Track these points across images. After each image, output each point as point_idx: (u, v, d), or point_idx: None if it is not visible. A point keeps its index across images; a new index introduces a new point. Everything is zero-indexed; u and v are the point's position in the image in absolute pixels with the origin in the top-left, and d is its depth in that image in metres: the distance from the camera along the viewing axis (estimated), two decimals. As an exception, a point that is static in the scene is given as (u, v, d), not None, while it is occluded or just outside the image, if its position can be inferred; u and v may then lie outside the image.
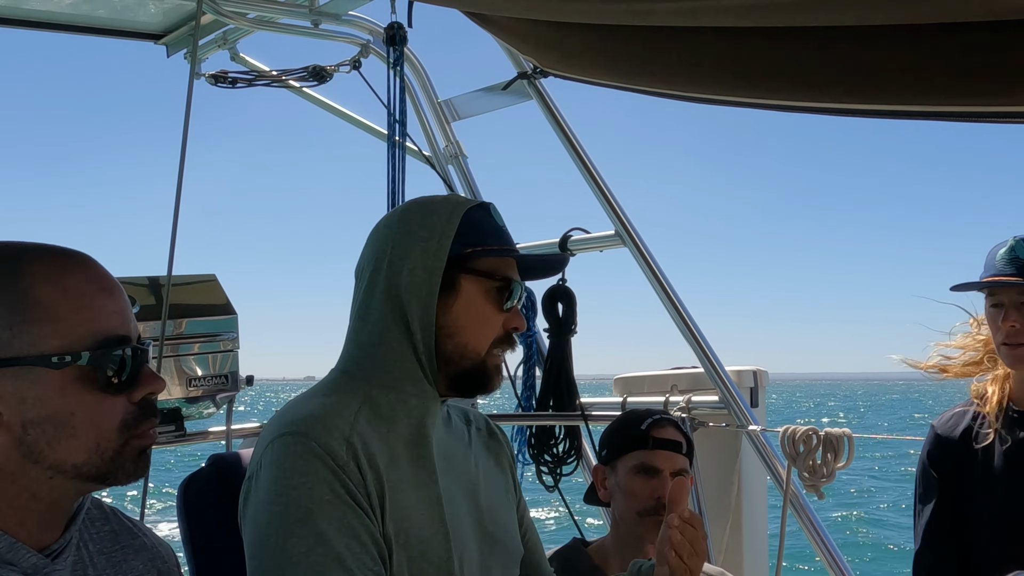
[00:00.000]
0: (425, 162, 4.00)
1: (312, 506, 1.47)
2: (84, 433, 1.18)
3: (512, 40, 2.85)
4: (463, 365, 1.64)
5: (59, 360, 1.15)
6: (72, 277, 1.20)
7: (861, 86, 1.91)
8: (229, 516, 2.22)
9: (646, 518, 2.31)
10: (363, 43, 3.74)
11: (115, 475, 1.21)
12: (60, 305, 1.17)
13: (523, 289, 1.69)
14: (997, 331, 2.29)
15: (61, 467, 1.18)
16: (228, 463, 2.35)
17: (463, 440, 1.76)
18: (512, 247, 1.69)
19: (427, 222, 1.64)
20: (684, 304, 3.47)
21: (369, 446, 1.54)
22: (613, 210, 3.52)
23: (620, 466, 2.40)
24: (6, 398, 1.15)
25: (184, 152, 2.85)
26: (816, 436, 3.08)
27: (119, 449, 1.21)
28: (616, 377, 3.97)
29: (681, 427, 2.45)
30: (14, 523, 1.19)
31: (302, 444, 1.51)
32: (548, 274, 1.93)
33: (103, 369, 1.18)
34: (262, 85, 3.82)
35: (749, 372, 3.64)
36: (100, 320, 1.19)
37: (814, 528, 3.19)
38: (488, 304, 1.64)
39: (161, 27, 3.75)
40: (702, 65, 2.13)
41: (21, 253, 1.20)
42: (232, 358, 3.28)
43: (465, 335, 1.63)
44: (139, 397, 1.22)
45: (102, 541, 1.34)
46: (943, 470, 2.42)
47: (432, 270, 1.61)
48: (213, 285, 3.31)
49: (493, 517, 1.72)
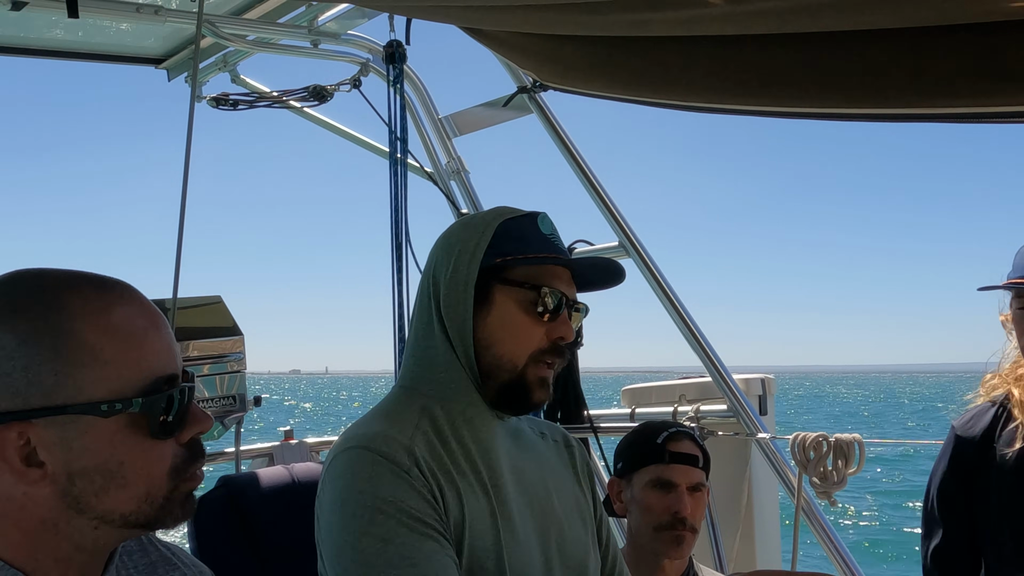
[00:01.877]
0: (427, 178, 4.01)
1: (380, 504, 1.46)
2: (134, 482, 1.10)
3: (511, 55, 2.85)
4: (502, 378, 1.60)
5: (109, 408, 1.07)
6: (117, 313, 1.10)
7: (860, 91, 1.91)
8: (241, 537, 2.23)
9: (662, 533, 2.28)
10: (363, 62, 3.75)
11: (163, 520, 1.14)
12: (107, 347, 1.08)
13: (566, 297, 1.62)
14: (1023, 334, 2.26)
15: (108, 517, 1.11)
16: (238, 484, 2.36)
17: (535, 455, 1.73)
18: (554, 254, 1.63)
19: (463, 235, 1.63)
20: (690, 314, 3.47)
21: (430, 456, 1.54)
22: (616, 221, 3.53)
23: (636, 480, 2.36)
24: (51, 448, 1.06)
25: (187, 175, 2.86)
26: (826, 442, 3.07)
27: (168, 495, 1.13)
28: (624, 388, 3.96)
29: (698, 440, 2.41)
30: (56, 575, 1.12)
31: (365, 454, 1.51)
32: (608, 284, 1.77)
33: (155, 414, 1.10)
34: (263, 106, 3.83)
35: (757, 380, 3.63)
36: (149, 360, 1.11)
37: (827, 535, 3.17)
38: (523, 314, 1.60)
39: (161, 51, 3.77)
40: (700, 74, 2.13)
41: (60, 286, 1.10)
42: (240, 379, 3.29)
43: (501, 347, 1.60)
44: (188, 438, 1.14)
45: (140, 575, 1.28)
46: (960, 473, 2.38)
47: (467, 282, 1.59)
48: (219, 307, 3.32)
49: (563, 532, 1.68)
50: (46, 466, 1.07)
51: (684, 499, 2.28)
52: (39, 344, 1.06)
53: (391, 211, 3.57)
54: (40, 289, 1.10)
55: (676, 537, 2.27)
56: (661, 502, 2.30)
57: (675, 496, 2.29)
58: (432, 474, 1.52)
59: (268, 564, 2.23)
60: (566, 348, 1.64)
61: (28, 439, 1.06)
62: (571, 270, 1.65)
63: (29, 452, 1.06)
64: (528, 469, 1.68)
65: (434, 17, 2.59)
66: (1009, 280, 2.26)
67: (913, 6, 1.61)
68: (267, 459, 3.64)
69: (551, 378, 1.64)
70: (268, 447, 3.69)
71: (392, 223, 3.55)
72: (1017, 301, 2.25)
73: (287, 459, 3.48)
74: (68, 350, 1.06)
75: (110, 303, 1.11)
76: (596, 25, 2.10)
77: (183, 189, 2.88)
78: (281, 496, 2.32)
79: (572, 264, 1.65)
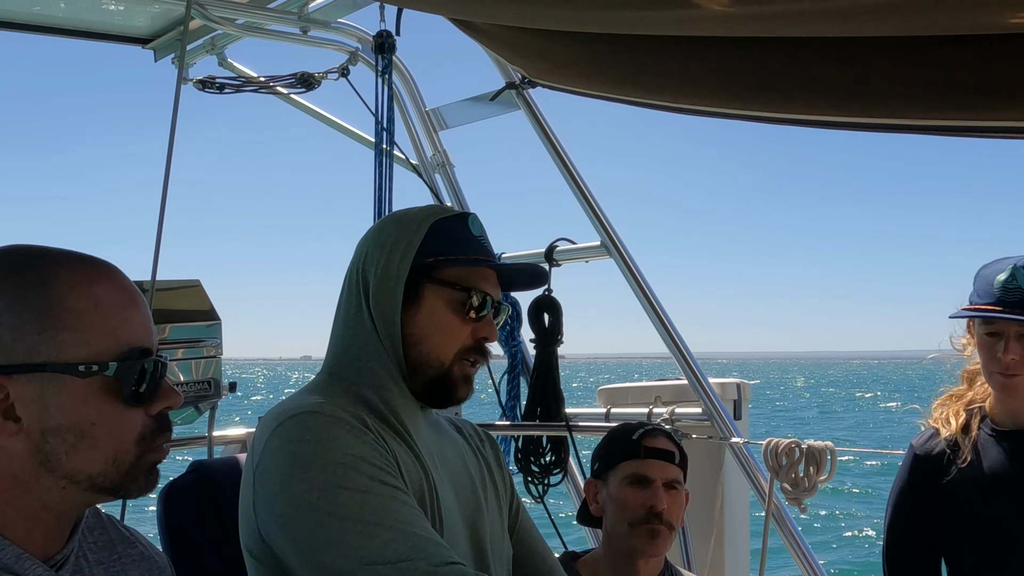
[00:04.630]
0: (412, 170, 3.99)
1: (349, 459, 1.48)
2: (103, 444, 1.16)
3: (500, 49, 2.85)
4: (428, 374, 1.65)
5: (86, 369, 1.14)
6: (101, 286, 1.19)
7: (849, 100, 1.92)
8: (212, 522, 2.21)
9: (637, 528, 2.28)
10: (351, 51, 3.73)
11: (127, 488, 1.20)
12: (89, 314, 1.16)
13: (491, 299, 1.68)
14: (992, 360, 2.25)
15: (76, 477, 1.17)
16: (211, 470, 2.34)
17: (454, 445, 1.78)
18: (483, 257, 1.68)
19: (395, 232, 1.68)
20: (668, 315, 3.47)
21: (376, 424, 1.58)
22: (599, 220, 3.53)
23: (612, 478, 2.36)
24: (28, 404, 1.13)
25: (170, 157, 2.84)
26: (799, 449, 3.08)
27: (134, 462, 1.19)
28: (600, 388, 3.97)
29: (674, 438, 2.42)
30: (22, 533, 1.17)
31: (318, 417, 1.52)
32: (530, 286, 1.90)
33: (127, 381, 1.17)
34: (250, 91, 3.81)
35: (732, 384, 3.65)
36: (127, 331, 1.18)
37: (796, 542, 3.18)
38: (451, 313, 1.65)
39: (149, 31, 3.74)
40: (690, 77, 2.13)
41: (50, 258, 1.19)
42: (215, 364, 3.27)
43: (428, 344, 1.65)
44: (157, 410, 1.21)
45: (100, 551, 1.32)
46: (921, 490, 2.42)
47: (397, 279, 1.64)
48: (197, 291, 3.30)
49: (482, 519, 1.72)
50: (22, 421, 1.13)
51: (660, 494, 2.28)
52: (27, 306, 1.14)
53: (375, 201, 3.56)
54: (31, 259, 1.18)
55: (651, 531, 2.27)
56: (636, 497, 2.30)
57: (651, 491, 2.29)
58: (381, 436, 1.56)
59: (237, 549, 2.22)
60: (487, 348, 1.70)
61: (8, 393, 1.13)
62: (497, 272, 1.71)
63: (7, 407, 1.13)
64: (448, 454, 1.74)
65: (425, 7, 2.58)
66: (974, 306, 2.28)
67: (903, 18, 1.62)
68: (240, 446, 3.63)
69: (474, 375, 1.71)
70: (242, 434, 3.68)
71: (376, 214, 3.54)
72: (985, 327, 2.27)
73: (260, 446, 3.47)
74: (53, 314, 1.14)
75: (95, 276, 1.19)
76: (586, 22, 2.10)
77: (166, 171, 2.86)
78: (253, 482, 2.31)
79: (499, 267, 1.72)
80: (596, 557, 2.40)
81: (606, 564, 2.36)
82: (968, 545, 2.32)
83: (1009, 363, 2.22)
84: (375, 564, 1.42)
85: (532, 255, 3.71)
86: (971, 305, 2.30)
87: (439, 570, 1.42)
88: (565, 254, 3.65)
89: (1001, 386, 2.28)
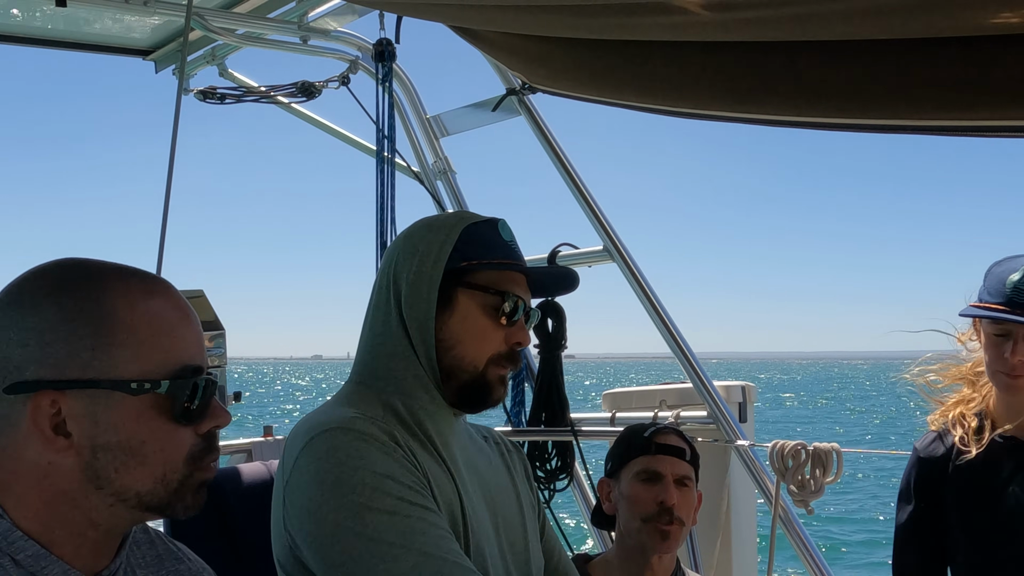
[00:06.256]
0: (414, 178, 4.00)
1: (378, 480, 1.47)
2: (152, 462, 1.16)
3: (500, 56, 2.85)
4: (462, 378, 1.64)
5: (138, 386, 1.13)
6: (155, 302, 1.18)
7: (846, 102, 1.92)
8: (217, 532, 2.22)
9: (649, 524, 2.29)
10: (352, 59, 3.74)
11: (174, 507, 1.19)
12: (143, 330, 1.15)
13: (525, 303, 1.68)
14: (998, 359, 2.23)
15: (124, 495, 1.16)
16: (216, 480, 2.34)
17: (484, 454, 1.78)
18: (514, 261, 1.68)
19: (428, 237, 1.67)
20: (672, 319, 3.47)
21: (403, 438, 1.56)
22: (601, 225, 3.53)
23: (624, 475, 2.38)
24: (79, 420, 1.12)
25: (172, 166, 2.85)
26: (805, 451, 3.08)
27: (183, 481, 1.19)
28: (605, 392, 3.96)
29: (685, 437, 2.43)
30: (70, 549, 1.16)
31: (348, 434, 1.51)
32: (563, 290, 1.88)
33: (179, 399, 1.16)
34: (250, 101, 3.82)
35: (737, 387, 3.64)
36: (179, 349, 1.18)
37: (803, 544, 3.18)
38: (485, 318, 1.64)
39: (149, 43, 3.75)
40: (689, 80, 2.13)
41: (105, 273, 1.18)
42: (220, 374, 3.27)
43: (462, 348, 1.64)
44: (206, 429, 1.20)
45: (148, 567, 1.31)
46: (926, 494, 2.41)
47: (430, 284, 1.63)
48: (201, 301, 3.30)
49: (514, 529, 1.72)
50: (73, 437, 1.13)
51: (671, 489, 2.30)
52: (81, 321, 1.13)
53: (377, 209, 3.57)
54: (87, 272, 1.18)
55: (663, 530, 2.28)
56: (648, 493, 2.31)
57: (661, 487, 2.31)
58: (411, 452, 1.55)
59: (244, 560, 2.22)
60: (519, 353, 1.70)
61: (59, 409, 1.12)
62: (528, 277, 1.71)
63: (59, 422, 1.12)
64: (480, 465, 1.73)
65: (424, 15, 2.59)
66: (984, 304, 2.27)
67: (900, 19, 1.62)
68: (246, 455, 3.62)
69: (507, 377, 1.71)
70: (247, 443, 3.68)
71: (378, 221, 3.55)
72: (993, 327, 2.26)
73: (266, 455, 3.47)
74: (106, 330, 1.14)
75: (149, 292, 1.19)
76: (585, 28, 2.10)
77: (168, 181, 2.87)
78: (259, 493, 2.30)
79: (530, 272, 1.71)
80: (608, 558, 2.41)
81: (619, 564, 2.36)
82: (973, 547, 2.31)
83: (1016, 364, 2.21)
84: None
85: (535, 260, 3.71)
86: (981, 303, 2.28)
87: None
88: (568, 259, 3.65)
89: (1005, 386, 2.27)
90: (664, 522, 2.28)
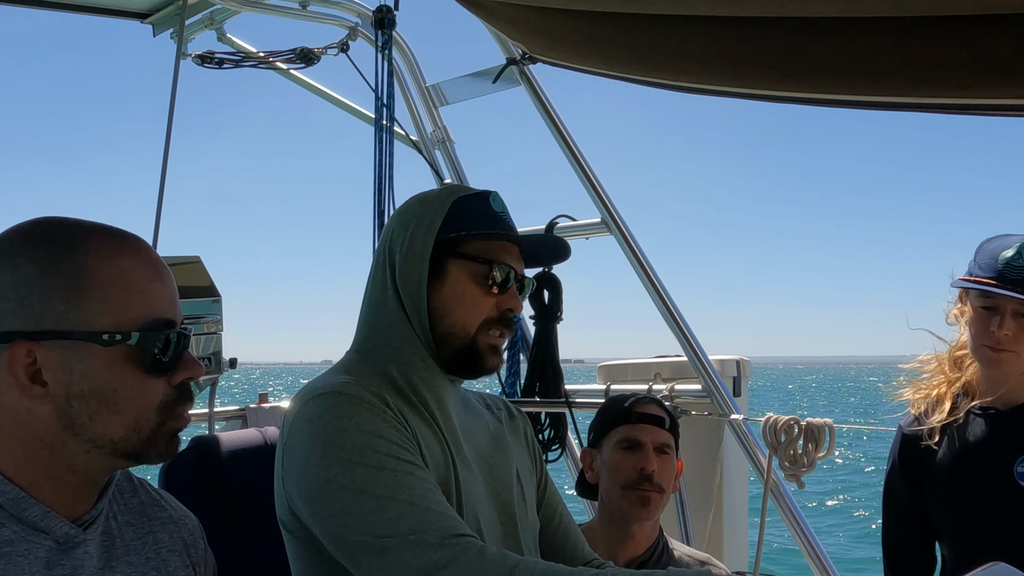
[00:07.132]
0: (412, 147, 3.99)
1: (367, 438, 1.53)
2: (125, 410, 1.22)
3: (501, 25, 2.83)
4: (455, 345, 1.70)
5: (110, 338, 1.20)
6: (128, 259, 1.24)
7: (850, 78, 1.91)
8: (211, 497, 2.23)
9: (629, 491, 2.36)
10: (351, 26, 3.72)
11: (147, 454, 1.26)
12: (115, 285, 1.21)
13: (516, 272, 1.72)
14: (983, 332, 2.25)
15: (99, 441, 1.22)
16: (210, 445, 2.35)
17: (481, 420, 1.82)
18: (505, 232, 1.72)
19: (419, 211, 1.72)
20: (668, 292, 3.48)
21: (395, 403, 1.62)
22: (599, 197, 3.52)
23: (605, 444, 2.45)
24: (54, 370, 1.19)
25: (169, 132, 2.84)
26: (798, 426, 3.09)
27: (155, 429, 1.25)
28: (599, 364, 3.98)
29: (664, 405, 2.51)
30: (49, 492, 1.22)
31: (341, 397, 1.57)
32: (554, 260, 1.96)
33: (150, 350, 1.22)
34: (249, 66, 3.79)
35: (732, 361, 3.66)
36: (151, 303, 1.24)
37: (794, 517, 3.20)
38: (475, 286, 1.69)
39: (148, 6, 3.72)
40: (690, 54, 2.12)
41: (80, 230, 1.24)
42: (216, 340, 3.28)
43: (453, 316, 1.69)
44: (179, 380, 1.26)
45: (130, 513, 1.37)
46: (910, 470, 2.43)
47: (422, 255, 1.69)
48: (197, 267, 3.30)
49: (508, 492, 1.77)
50: (48, 386, 1.19)
51: (651, 456, 2.37)
52: (56, 275, 1.19)
53: (375, 178, 3.56)
54: (63, 230, 1.24)
55: (642, 497, 2.35)
56: (628, 461, 2.38)
57: (642, 454, 2.38)
58: (401, 414, 1.61)
59: (237, 525, 2.23)
60: (513, 320, 1.74)
61: (35, 358, 1.19)
62: (520, 247, 1.75)
63: (35, 371, 1.19)
64: (476, 430, 1.78)
65: (425, -17, 2.56)
66: (974, 278, 2.27)
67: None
68: (240, 421, 3.64)
69: (501, 345, 1.76)
70: (242, 409, 3.69)
71: (375, 190, 3.54)
72: (982, 300, 2.26)
73: (260, 422, 3.48)
74: (80, 284, 1.20)
75: (123, 249, 1.25)
76: (588, -1, 2.08)
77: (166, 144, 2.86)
78: (253, 458, 2.32)
79: (521, 241, 1.76)
80: (592, 526, 2.47)
81: (601, 531, 2.42)
82: (960, 524, 2.33)
83: (1001, 338, 2.22)
84: (386, 536, 1.47)
85: (532, 231, 3.71)
86: (971, 276, 2.29)
87: (447, 542, 1.46)
88: (565, 231, 3.65)
89: (988, 360, 2.28)
90: (644, 488, 2.35)
